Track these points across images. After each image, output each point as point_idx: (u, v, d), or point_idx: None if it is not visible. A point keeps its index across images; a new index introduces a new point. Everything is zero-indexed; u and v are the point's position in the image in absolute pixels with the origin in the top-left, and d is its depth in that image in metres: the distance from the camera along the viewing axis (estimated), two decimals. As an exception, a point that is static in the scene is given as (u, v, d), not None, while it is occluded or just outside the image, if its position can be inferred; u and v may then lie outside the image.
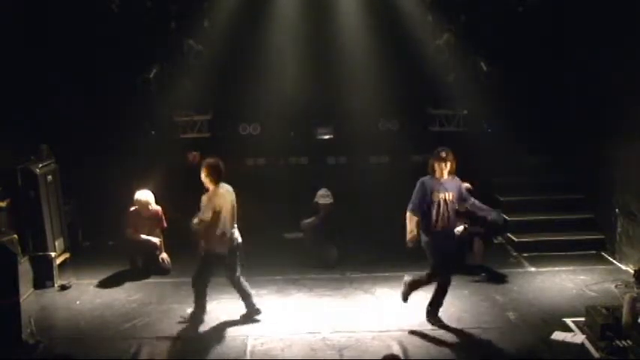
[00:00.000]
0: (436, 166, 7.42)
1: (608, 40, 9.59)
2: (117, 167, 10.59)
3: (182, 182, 10.66)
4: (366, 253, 9.98)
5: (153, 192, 9.39)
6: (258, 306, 7.85)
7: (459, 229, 9.15)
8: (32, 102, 9.89)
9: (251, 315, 7.81)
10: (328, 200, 9.81)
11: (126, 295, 8.66)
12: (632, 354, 6.73)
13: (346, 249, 9.76)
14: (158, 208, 9.43)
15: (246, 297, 7.83)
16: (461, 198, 7.55)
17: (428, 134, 11.16)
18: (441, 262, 7.40)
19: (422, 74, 10.67)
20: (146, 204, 9.28)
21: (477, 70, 10.39)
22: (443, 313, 7.80)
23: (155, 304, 8.31)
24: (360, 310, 8.12)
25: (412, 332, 7.46)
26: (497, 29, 10.35)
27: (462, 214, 9.21)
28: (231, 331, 7.57)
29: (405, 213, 7.51)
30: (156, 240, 9.37)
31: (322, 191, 9.90)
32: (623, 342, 6.89)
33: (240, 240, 7.76)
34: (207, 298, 7.92)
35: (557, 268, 9.42)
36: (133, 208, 9.33)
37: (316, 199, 9.86)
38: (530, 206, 10.70)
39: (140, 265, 9.35)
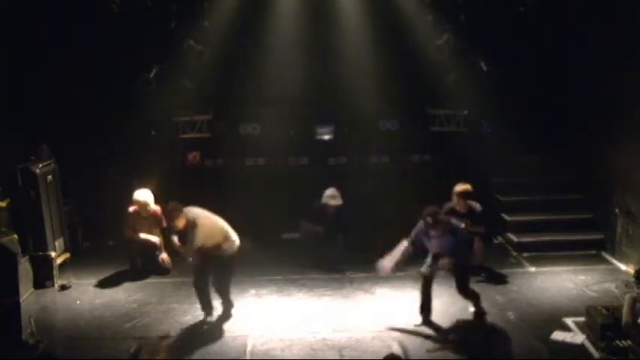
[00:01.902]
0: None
1: (609, 40, 9.59)
2: (117, 167, 10.60)
3: (181, 182, 10.70)
4: (366, 253, 9.96)
5: (152, 192, 9.38)
6: None
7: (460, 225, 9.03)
8: (32, 102, 9.90)
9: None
10: (339, 202, 9.51)
11: (126, 295, 8.66)
12: (632, 354, 6.73)
13: (345, 249, 9.69)
14: (157, 207, 9.41)
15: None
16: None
17: (428, 134, 11.16)
18: None
19: (422, 74, 10.66)
20: (145, 204, 9.26)
21: (477, 70, 10.39)
22: (443, 313, 7.81)
23: (155, 304, 8.31)
24: (360, 310, 8.12)
25: (412, 332, 7.46)
26: (498, 29, 10.34)
27: (463, 215, 9.14)
28: (231, 331, 7.58)
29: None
30: (155, 240, 9.37)
31: (331, 191, 9.54)
32: (623, 342, 6.89)
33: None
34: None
35: (557, 268, 9.41)
36: (132, 209, 9.32)
37: (324, 201, 9.53)
38: (530, 206, 10.68)
39: (140, 266, 9.34)
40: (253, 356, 7.04)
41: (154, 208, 9.36)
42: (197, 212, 7.73)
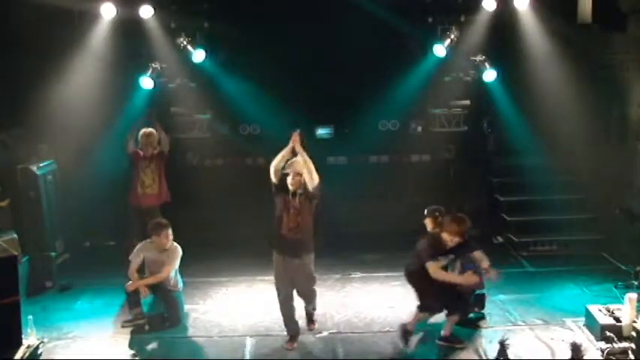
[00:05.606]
0: None
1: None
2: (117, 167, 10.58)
3: (182, 182, 10.70)
4: (366, 253, 9.97)
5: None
6: None
7: None
8: (32, 101, 9.89)
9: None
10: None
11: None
12: (632, 354, 6.74)
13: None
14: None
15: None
16: None
17: (428, 134, 11.15)
18: None
19: (422, 74, 10.65)
20: (150, 133, 9.18)
21: (477, 70, 10.39)
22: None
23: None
24: (361, 310, 8.12)
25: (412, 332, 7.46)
26: (498, 29, 10.33)
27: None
28: (231, 331, 7.58)
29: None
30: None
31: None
32: (623, 342, 6.90)
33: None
34: (207, 298, 8.08)
35: (557, 268, 9.43)
36: (133, 149, 9.27)
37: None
38: (530, 206, 10.68)
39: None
40: (253, 356, 7.05)
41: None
42: None
